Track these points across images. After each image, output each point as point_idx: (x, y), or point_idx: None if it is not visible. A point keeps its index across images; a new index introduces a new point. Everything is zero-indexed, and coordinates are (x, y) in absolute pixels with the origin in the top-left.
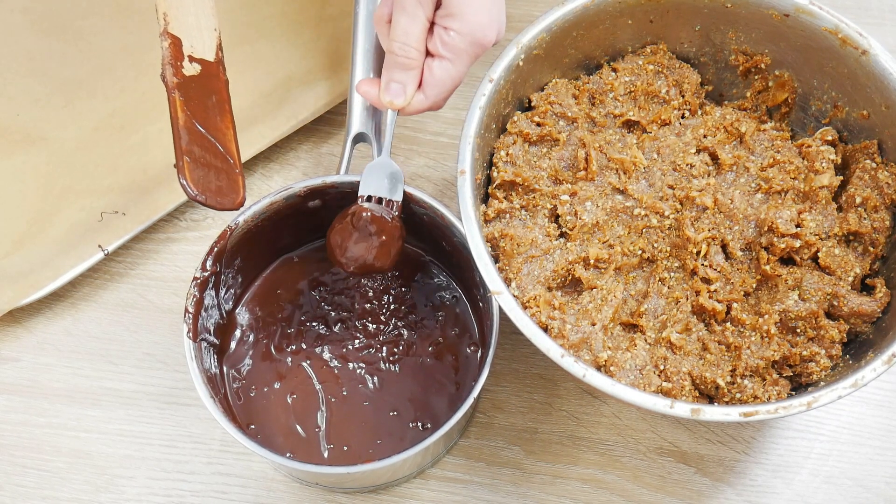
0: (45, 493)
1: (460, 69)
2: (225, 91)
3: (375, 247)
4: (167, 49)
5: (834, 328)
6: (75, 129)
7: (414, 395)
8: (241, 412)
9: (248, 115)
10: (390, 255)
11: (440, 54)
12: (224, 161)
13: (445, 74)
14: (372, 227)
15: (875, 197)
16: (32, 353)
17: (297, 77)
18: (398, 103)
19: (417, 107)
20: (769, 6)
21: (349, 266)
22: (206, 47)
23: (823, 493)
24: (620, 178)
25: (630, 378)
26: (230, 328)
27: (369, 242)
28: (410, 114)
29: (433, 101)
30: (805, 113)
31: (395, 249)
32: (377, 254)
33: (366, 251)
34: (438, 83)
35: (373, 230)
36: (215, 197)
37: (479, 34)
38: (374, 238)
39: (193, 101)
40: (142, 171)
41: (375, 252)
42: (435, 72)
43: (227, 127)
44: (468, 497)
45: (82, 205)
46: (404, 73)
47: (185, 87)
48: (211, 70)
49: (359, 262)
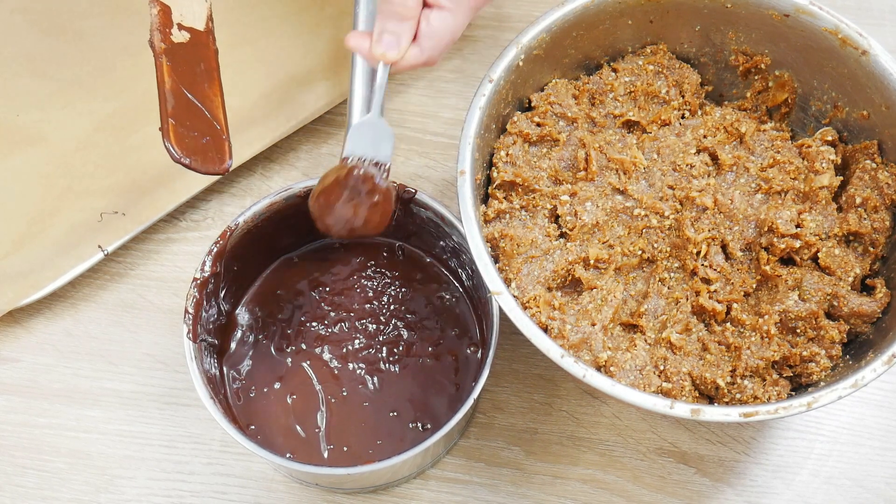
0: (45, 494)
1: (460, 21)
2: (214, 60)
3: (367, 208)
4: (156, 15)
5: (834, 328)
6: (75, 130)
7: (414, 396)
8: (240, 413)
9: (248, 116)
10: (382, 219)
11: (439, 4)
12: (211, 127)
13: (443, 25)
14: (364, 186)
15: (875, 197)
16: (32, 353)
17: (298, 77)
18: (391, 56)
19: (412, 61)
20: (769, 6)
21: (336, 228)
22: (196, 17)
23: (823, 494)
24: (620, 179)
25: (630, 378)
26: (230, 328)
27: (360, 202)
28: (404, 69)
29: (429, 55)
30: (805, 113)
31: (388, 213)
32: (368, 216)
33: (355, 212)
34: (436, 35)
35: (364, 189)
36: (201, 160)
37: None
38: (366, 198)
39: (181, 67)
40: (141, 171)
41: (367, 214)
42: (433, 22)
43: (214, 94)
44: (468, 497)
45: (82, 205)
46: (399, 24)
47: (172, 53)
48: (200, 39)
49: (348, 224)
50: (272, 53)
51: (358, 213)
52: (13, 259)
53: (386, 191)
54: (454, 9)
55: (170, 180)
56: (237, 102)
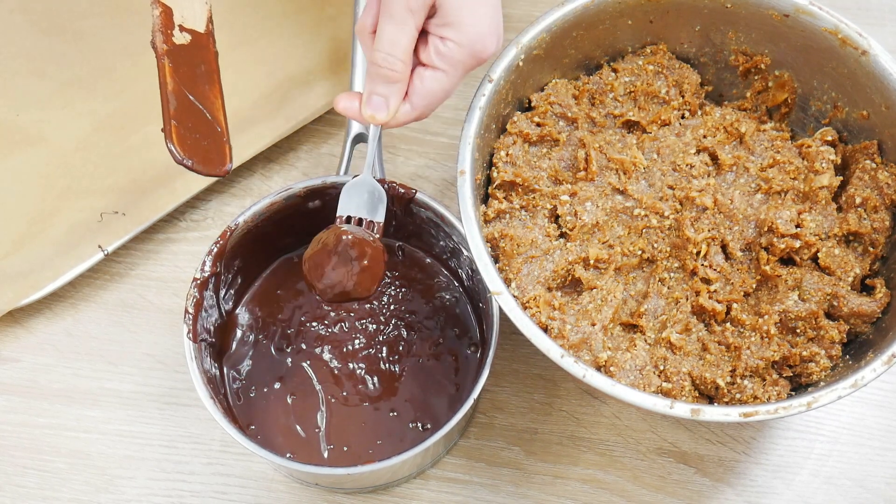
0: (45, 494)
1: (453, 82)
2: (214, 62)
3: (356, 273)
4: (158, 17)
5: (834, 328)
6: (75, 130)
7: (414, 396)
8: (240, 413)
9: (249, 116)
10: (372, 283)
11: (434, 65)
12: (212, 128)
13: (437, 86)
14: (353, 251)
15: (875, 197)
16: (32, 353)
17: (297, 77)
18: (380, 118)
19: (403, 119)
20: (769, 6)
21: (326, 294)
22: (196, 18)
23: (823, 494)
24: (620, 179)
25: (630, 378)
26: (230, 328)
27: (349, 268)
28: (394, 126)
29: (420, 112)
30: (805, 113)
31: (378, 276)
32: (358, 280)
33: (345, 278)
34: (429, 94)
35: (354, 255)
36: (202, 162)
37: (478, 46)
38: (355, 264)
39: (182, 68)
40: (141, 171)
41: (356, 279)
42: (426, 82)
43: (215, 96)
44: (468, 497)
45: (82, 205)
46: (388, 87)
47: (174, 55)
48: (201, 41)
49: (336, 289)
50: (272, 54)
51: (349, 279)
52: (13, 259)
53: (376, 252)
54: (449, 70)
55: (170, 180)
56: (237, 103)
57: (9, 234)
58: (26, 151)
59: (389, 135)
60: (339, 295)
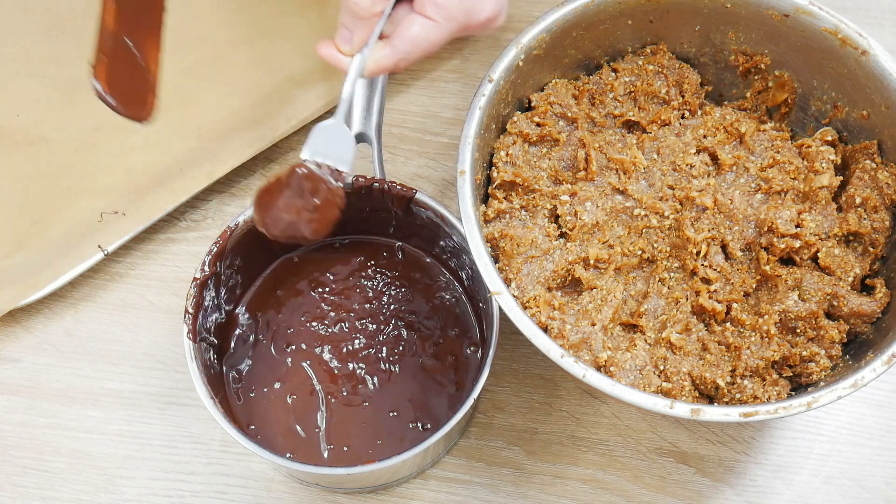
0: (45, 494)
1: (441, 35)
2: (160, 16)
3: (307, 211)
4: None
5: (834, 328)
6: (75, 130)
7: (414, 396)
8: (241, 412)
9: (249, 116)
10: (323, 226)
11: (427, 14)
12: (142, 76)
13: (424, 34)
14: (306, 183)
15: (875, 197)
16: (32, 353)
17: (298, 78)
18: (345, 49)
19: (382, 61)
20: (769, 6)
21: (272, 228)
22: None
23: (823, 494)
24: (620, 179)
25: (630, 378)
26: (230, 328)
27: (300, 204)
28: (373, 71)
29: (400, 57)
30: (805, 113)
31: (330, 220)
32: (308, 219)
33: (295, 214)
34: (413, 40)
35: (307, 188)
36: (124, 104)
37: (477, 5)
38: (309, 200)
39: (126, 13)
40: (141, 171)
41: (307, 217)
42: (414, 28)
43: (152, 47)
44: (468, 497)
45: (82, 205)
46: (352, 21)
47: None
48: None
49: (282, 223)
50: (273, 53)
51: (300, 217)
52: (13, 259)
53: (332, 192)
54: (440, 21)
55: (170, 181)
56: (237, 103)
57: (9, 234)
58: (27, 151)
59: (389, 135)
60: (287, 231)
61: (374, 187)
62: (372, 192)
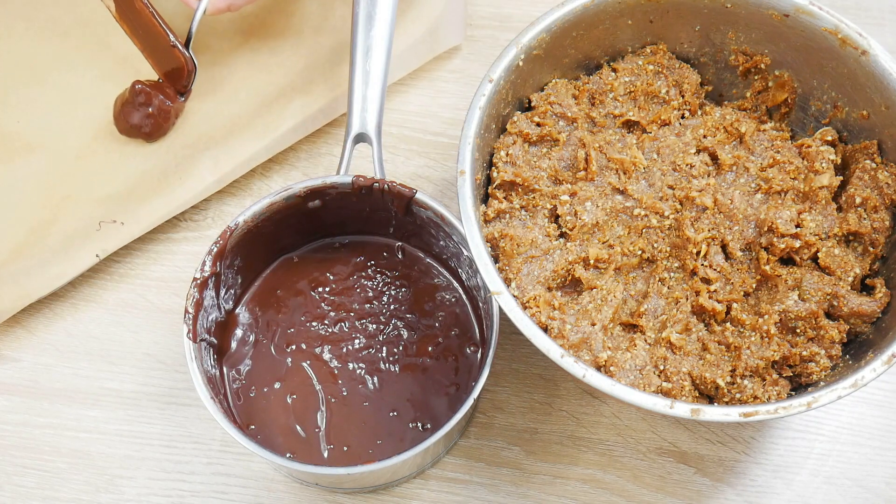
0: (45, 494)
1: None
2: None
3: (145, 117)
4: None
5: (834, 328)
6: (75, 138)
7: (414, 396)
8: (240, 412)
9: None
10: (155, 129)
11: None
12: (166, 43)
13: None
14: (142, 97)
15: (875, 197)
16: (32, 353)
17: (298, 86)
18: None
19: (217, 3)
20: (769, 6)
21: (119, 128)
22: None
23: (823, 494)
24: (620, 179)
25: (630, 378)
26: (230, 328)
27: (142, 112)
28: (213, 12)
29: (231, 1)
30: (805, 113)
31: (162, 125)
32: (145, 123)
33: (137, 119)
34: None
35: (142, 101)
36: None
37: None
38: (143, 110)
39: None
40: (140, 180)
41: (145, 122)
42: None
43: (150, 20)
44: (468, 497)
45: (80, 214)
46: None
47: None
48: None
49: (126, 125)
50: (275, 62)
51: (142, 122)
52: (11, 267)
53: (163, 106)
54: None
55: (167, 189)
56: (238, 109)
57: (7, 242)
58: (26, 159)
59: (389, 135)
60: (131, 132)
61: (374, 187)
62: (372, 191)
